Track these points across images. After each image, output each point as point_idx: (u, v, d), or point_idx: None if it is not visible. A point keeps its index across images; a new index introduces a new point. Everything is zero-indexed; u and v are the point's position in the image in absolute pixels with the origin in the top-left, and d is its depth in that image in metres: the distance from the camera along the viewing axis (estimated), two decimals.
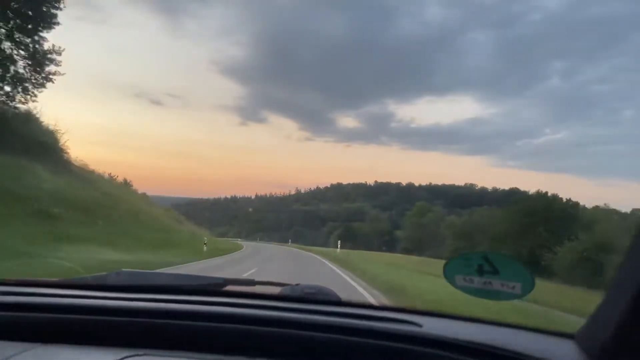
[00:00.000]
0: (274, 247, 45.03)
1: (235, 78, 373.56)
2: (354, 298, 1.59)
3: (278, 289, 1.33)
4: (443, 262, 1.43)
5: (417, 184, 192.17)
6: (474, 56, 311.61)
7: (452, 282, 1.38)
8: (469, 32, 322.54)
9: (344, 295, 1.33)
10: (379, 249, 69.17)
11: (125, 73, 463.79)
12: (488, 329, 1.14)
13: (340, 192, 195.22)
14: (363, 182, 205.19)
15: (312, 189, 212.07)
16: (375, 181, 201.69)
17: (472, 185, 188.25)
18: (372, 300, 9.54)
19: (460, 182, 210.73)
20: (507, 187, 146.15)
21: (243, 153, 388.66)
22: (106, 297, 1.10)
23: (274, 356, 0.92)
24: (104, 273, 1.35)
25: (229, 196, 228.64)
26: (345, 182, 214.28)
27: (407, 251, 58.61)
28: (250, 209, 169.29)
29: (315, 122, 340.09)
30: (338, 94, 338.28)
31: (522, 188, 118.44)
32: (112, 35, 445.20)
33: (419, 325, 1.00)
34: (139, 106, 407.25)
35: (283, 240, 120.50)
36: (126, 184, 40.05)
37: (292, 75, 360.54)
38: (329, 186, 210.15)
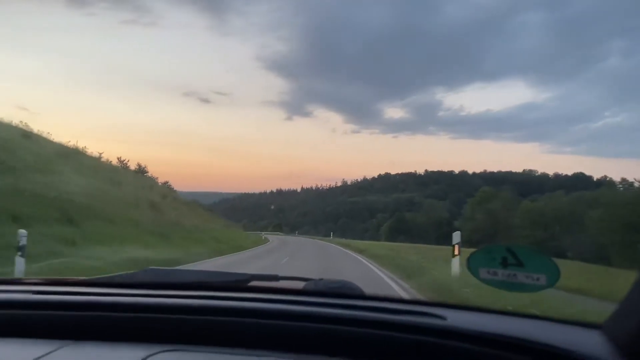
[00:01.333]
0: (304, 242, 39.19)
1: (280, 73, 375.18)
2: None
3: (302, 283, 1.34)
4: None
5: (470, 172, 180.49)
6: (526, 38, 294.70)
7: (476, 275, 1.39)
8: (519, 14, 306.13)
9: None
10: (437, 242, 60.33)
11: (174, 73, 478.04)
12: (512, 321, 1.12)
13: (388, 183, 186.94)
14: (412, 171, 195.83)
15: (359, 180, 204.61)
16: (426, 170, 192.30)
17: (531, 171, 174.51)
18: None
19: (516, 168, 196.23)
20: (569, 173, 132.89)
21: (289, 147, 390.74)
22: (134, 294, 1.12)
23: (299, 350, 0.92)
24: (132, 271, 1.42)
25: (274, 190, 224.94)
26: (393, 172, 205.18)
27: (473, 244, 49.86)
28: (272, 207, 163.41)
29: (361, 114, 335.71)
30: (384, 84, 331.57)
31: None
32: (162, 37, 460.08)
33: (443, 318, 0.98)
34: (189, 105, 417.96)
35: (328, 233, 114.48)
36: (155, 181, 42.04)
37: (337, 67, 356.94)
38: (376, 177, 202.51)
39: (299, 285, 1.34)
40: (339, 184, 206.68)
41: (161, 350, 0.89)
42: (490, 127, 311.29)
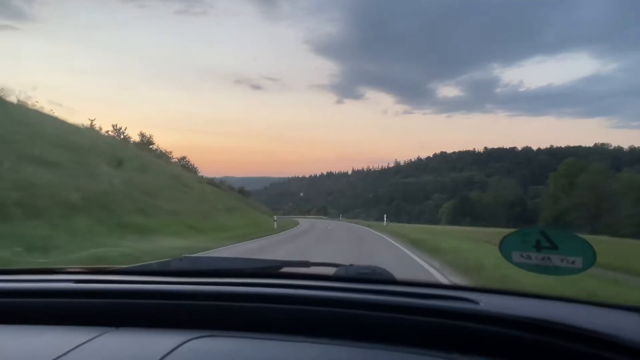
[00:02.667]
0: (336, 229, 29.15)
1: (330, 56, 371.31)
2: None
3: (333, 269, 1.34)
4: None
5: (535, 148, 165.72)
6: (589, 7, 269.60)
7: (508, 258, 1.39)
8: None
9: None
10: (509, 225, 50.41)
11: (226, 61, 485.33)
12: (548, 304, 1.10)
13: (444, 162, 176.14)
14: (470, 149, 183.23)
15: (413, 160, 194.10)
16: (485, 147, 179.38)
17: (603, 145, 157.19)
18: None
19: (585, 143, 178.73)
20: None
21: (339, 131, 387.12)
22: (170, 282, 1.15)
23: (331, 336, 0.92)
24: (168, 259, 1.45)
25: (324, 172, 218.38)
26: (449, 150, 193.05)
27: (568, 225, 40.17)
28: (301, 194, 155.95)
29: (413, 94, 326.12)
30: (437, 62, 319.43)
31: None
32: (213, 25, 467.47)
33: (476, 303, 0.97)
34: (240, 92, 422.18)
35: (381, 216, 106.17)
36: (191, 168, 41.63)
37: (388, 47, 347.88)
38: (431, 156, 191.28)
39: (330, 271, 1.32)
40: (392, 165, 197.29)
41: (197, 336, 0.91)
42: (551, 102, 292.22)
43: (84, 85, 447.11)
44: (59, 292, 1.10)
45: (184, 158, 44.14)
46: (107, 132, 34.73)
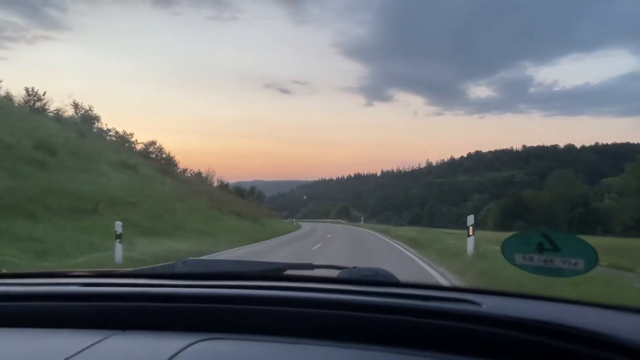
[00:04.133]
0: (339, 242, 21.49)
1: (359, 58, 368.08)
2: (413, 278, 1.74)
3: (336, 272, 1.35)
4: None
5: (578, 146, 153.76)
6: (628, 1, 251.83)
7: (511, 260, 1.41)
8: None
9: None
10: (571, 228, 40.96)
11: (255, 66, 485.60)
12: (550, 306, 1.10)
13: (480, 161, 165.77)
14: (508, 147, 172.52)
15: (446, 160, 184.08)
16: (524, 146, 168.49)
17: None
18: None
19: (634, 140, 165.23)
20: None
21: (369, 133, 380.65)
22: (175, 284, 1.15)
23: (335, 338, 0.93)
24: (172, 262, 1.46)
25: (352, 174, 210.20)
26: (485, 149, 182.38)
27: None
28: (304, 197, 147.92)
29: (444, 95, 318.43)
30: (468, 62, 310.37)
31: None
32: (243, 30, 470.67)
33: (479, 305, 0.97)
34: (269, 96, 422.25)
35: (415, 219, 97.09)
36: (201, 175, 44.57)
37: (418, 48, 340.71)
38: (465, 156, 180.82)
39: (334, 273, 1.33)
40: (423, 165, 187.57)
41: (202, 338, 0.92)
42: (587, 101, 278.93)
43: (118, 91, 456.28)
44: (65, 295, 1.11)
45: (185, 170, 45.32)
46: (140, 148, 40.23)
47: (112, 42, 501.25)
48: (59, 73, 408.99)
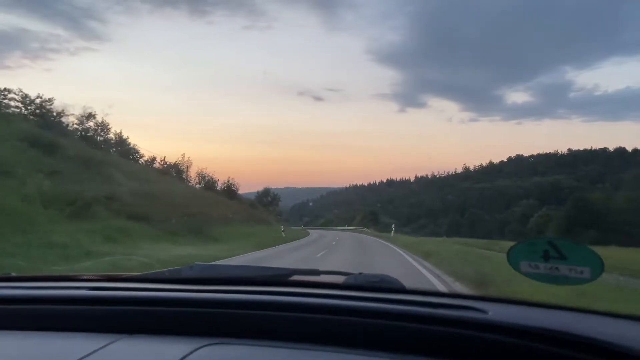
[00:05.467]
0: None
1: (392, 64, 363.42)
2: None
3: (342, 278, 1.36)
4: None
5: (630, 149, 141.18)
6: None
7: (516, 268, 1.41)
8: None
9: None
10: None
11: (289, 73, 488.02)
12: (557, 314, 1.09)
13: (522, 166, 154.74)
14: (552, 151, 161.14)
15: (484, 164, 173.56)
16: (569, 149, 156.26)
17: None
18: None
19: None
20: None
21: (401, 139, 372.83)
22: (182, 289, 1.16)
23: (340, 344, 0.93)
24: (179, 267, 1.49)
25: (384, 180, 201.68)
26: (526, 153, 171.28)
27: None
28: (310, 203, 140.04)
29: (480, 100, 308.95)
30: (505, 67, 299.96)
31: None
32: (277, 39, 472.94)
33: (485, 312, 0.97)
34: (303, 104, 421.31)
35: (453, 228, 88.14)
36: (210, 182, 45.19)
37: (453, 53, 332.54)
38: (505, 160, 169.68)
39: (340, 279, 1.34)
40: (459, 170, 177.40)
41: (208, 343, 0.93)
42: (631, 106, 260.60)
43: (157, 100, 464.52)
44: (73, 299, 1.12)
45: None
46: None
47: (149, 52, 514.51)
48: (99, 83, 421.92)
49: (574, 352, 0.82)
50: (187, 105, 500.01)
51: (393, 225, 37.67)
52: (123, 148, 38.06)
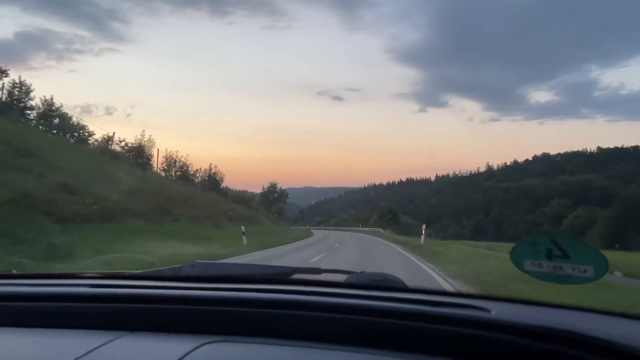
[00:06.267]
0: None
1: (412, 64, 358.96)
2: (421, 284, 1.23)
3: (344, 276, 1.36)
4: None
5: None
6: None
7: (519, 266, 1.40)
8: None
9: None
10: None
11: (309, 73, 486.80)
12: (561, 313, 1.09)
13: (548, 165, 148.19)
14: (580, 149, 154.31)
15: (508, 163, 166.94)
16: (599, 147, 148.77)
17: None
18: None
19: None
20: None
21: (421, 139, 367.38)
22: (183, 287, 1.16)
23: (342, 342, 0.93)
24: (180, 265, 1.48)
25: (403, 179, 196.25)
26: (553, 152, 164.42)
27: None
28: (312, 202, 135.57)
29: (502, 100, 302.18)
30: (528, 65, 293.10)
31: None
32: (297, 39, 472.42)
33: (488, 311, 0.96)
34: (322, 104, 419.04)
35: (478, 229, 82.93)
36: (212, 181, 41.06)
37: (474, 52, 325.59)
38: (530, 159, 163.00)
39: (341, 278, 1.34)
40: (482, 169, 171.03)
41: (209, 341, 0.93)
42: None
43: (177, 100, 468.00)
44: (75, 296, 1.13)
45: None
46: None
47: (171, 53, 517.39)
48: (122, 83, 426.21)
49: (578, 352, 0.81)
50: (206, 105, 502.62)
51: (424, 228, 25.05)
52: (60, 123, 27.28)
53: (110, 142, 29.56)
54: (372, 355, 0.88)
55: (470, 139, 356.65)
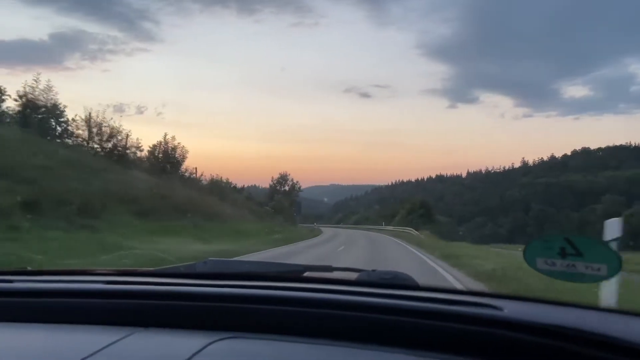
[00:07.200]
0: None
1: (443, 59, 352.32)
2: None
3: (355, 274, 1.37)
4: None
5: None
6: None
7: (532, 265, 1.40)
8: None
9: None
10: None
11: (336, 70, 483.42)
12: (574, 312, 1.07)
13: (589, 159, 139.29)
14: (624, 143, 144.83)
15: (545, 159, 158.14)
16: None
17: None
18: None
19: None
20: None
21: (451, 135, 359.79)
22: (196, 284, 1.17)
23: (352, 339, 0.93)
24: (193, 262, 1.50)
25: (433, 176, 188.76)
26: (593, 146, 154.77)
27: None
28: (325, 199, 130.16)
29: (535, 95, 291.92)
30: (563, 60, 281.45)
31: None
32: (324, 35, 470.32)
33: (500, 309, 0.95)
34: (349, 101, 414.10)
35: (517, 228, 75.97)
36: (221, 181, 40.39)
37: (507, 45, 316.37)
38: (569, 154, 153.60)
39: (353, 276, 1.35)
40: (517, 165, 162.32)
41: (222, 337, 0.93)
42: None
43: (206, 99, 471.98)
44: (90, 292, 1.14)
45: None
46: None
47: (199, 51, 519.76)
48: (153, 83, 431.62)
49: (590, 350, 0.81)
50: (232, 103, 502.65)
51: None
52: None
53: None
54: (383, 352, 0.88)
55: (502, 135, 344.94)
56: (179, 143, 33.97)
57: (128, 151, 29.77)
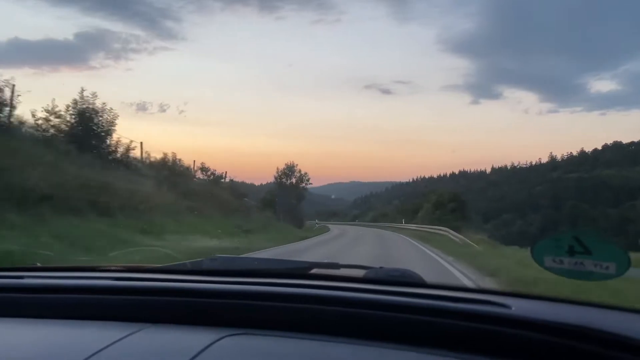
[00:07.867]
0: None
1: (465, 54, 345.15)
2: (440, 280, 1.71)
3: (362, 272, 1.38)
4: None
5: None
6: None
7: (540, 263, 1.40)
8: None
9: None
10: None
11: (357, 67, 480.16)
12: (581, 310, 1.07)
13: (621, 154, 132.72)
14: None
15: (574, 153, 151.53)
16: None
17: None
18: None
19: None
20: None
21: (474, 132, 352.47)
22: (203, 280, 1.18)
23: (360, 336, 0.93)
24: (200, 259, 1.52)
25: (456, 172, 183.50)
26: (625, 140, 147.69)
27: None
28: (332, 196, 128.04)
29: (560, 90, 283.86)
30: (588, 53, 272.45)
31: None
32: (346, 32, 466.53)
33: (508, 307, 0.96)
34: (370, 98, 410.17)
35: (549, 225, 71.32)
36: (221, 178, 35.65)
37: (531, 40, 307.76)
38: (599, 149, 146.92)
39: (360, 273, 1.36)
40: (544, 160, 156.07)
41: (229, 333, 0.94)
42: None
43: (227, 96, 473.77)
44: (99, 289, 1.15)
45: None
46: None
47: (221, 49, 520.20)
48: (175, 81, 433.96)
49: (598, 348, 0.80)
50: (254, 100, 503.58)
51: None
52: None
53: None
54: (390, 349, 0.88)
55: (526, 130, 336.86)
56: (104, 104, 20.18)
57: None
